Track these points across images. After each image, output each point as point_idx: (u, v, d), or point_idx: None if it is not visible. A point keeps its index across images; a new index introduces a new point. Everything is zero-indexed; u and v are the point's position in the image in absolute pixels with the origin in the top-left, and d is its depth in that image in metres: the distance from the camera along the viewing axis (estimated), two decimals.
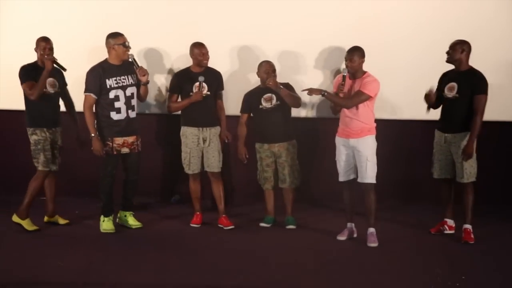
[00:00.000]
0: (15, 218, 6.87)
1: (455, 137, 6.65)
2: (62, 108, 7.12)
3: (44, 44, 6.83)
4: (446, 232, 6.85)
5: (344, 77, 6.55)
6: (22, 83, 6.80)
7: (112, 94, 6.78)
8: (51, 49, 6.84)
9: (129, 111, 6.86)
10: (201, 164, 7.15)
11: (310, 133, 7.71)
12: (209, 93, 7.05)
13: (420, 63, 7.43)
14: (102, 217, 6.94)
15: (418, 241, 6.75)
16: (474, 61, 6.68)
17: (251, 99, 7.18)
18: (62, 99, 7.08)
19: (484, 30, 7.35)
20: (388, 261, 6.18)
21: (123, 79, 6.82)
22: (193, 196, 7.23)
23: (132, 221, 7.05)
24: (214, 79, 7.13)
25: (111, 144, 6.82)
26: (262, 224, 7.21)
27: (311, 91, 6.60)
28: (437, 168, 6.84)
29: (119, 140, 6.84)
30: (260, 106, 7.11)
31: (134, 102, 6.91)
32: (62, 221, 7.14)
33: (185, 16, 7.66)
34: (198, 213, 7.22)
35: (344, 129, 6.63)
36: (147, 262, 6.09)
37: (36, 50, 6.87)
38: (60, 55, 6.89)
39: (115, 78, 6.78)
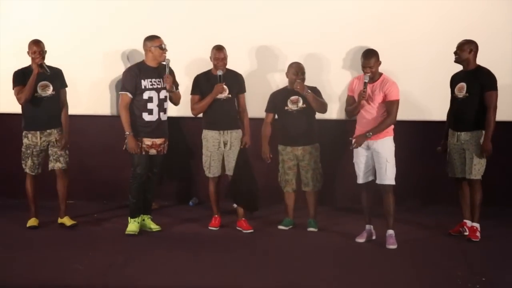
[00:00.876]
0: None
1: (468, 135, 6.67)
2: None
3: (34, 48, 6.87)
4: (465, 233, 6.80)
5: (365, 84, 6.52)
6: (13, 87, 6.90)
7: (146, 95, 6.79)
8: (41, 52, 6.86)
9: (161, 114, 6.86)
10: (221, 167, 7.16)
11: (332, 135, 7.66)
12: (230, 95, 7.05)
13: (436, 64, 7.41)
14: (129, 218, 6.96)
15: (437, 242, 6.72)
16: (490, 62, 6.72)
17: (277, 99, 7.16)
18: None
19: (500, 31, 7.38)
20: (407, 263, 6.15)
21: (158, 81, 6.83)
22: (212, 199, 7.23)
23: (151, 224, 7.06)
24: (235, 81, 7.12)
25: (140, 144, 6.83)
26: (281, 227, 7.20)
27: (358, 141, 6.53)
28: (452, 167, 6.84)
29: (148, 141, 6.84)
30: (286, 108, 7.09)
31: (166, 105, 6.91)
32: (69, 222, 7.12)
33: (204, 17, 7.68)
34: (216, 216, 7.22)
35: (363, 131, 6.61)
36: (166, 264, 6.09)
37: (28, 53, 6.92)
38: (73, 60, 6.92)
39: (150, 80, 6.80)
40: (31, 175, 7.04)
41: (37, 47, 6.87)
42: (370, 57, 6.53)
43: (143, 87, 6.78)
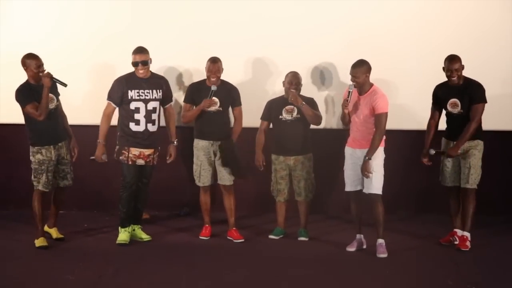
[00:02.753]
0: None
1: (465, 145, 6.68)
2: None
3: (36, 62, 6.73)
4: (455, 242, 6.81)
5: (350, 93, 6.58)
6: (24, 106, 6.71)
7: (132, 106, 6.80)
8: (42, 65, 6.76)
9: (149, 125, 6.85)
10: (212, 177, 7.16)
11: (324, 144, 7.64)
12: (220, 108, 7.07)
13: (425, 73, 7.44)
14: (119, 228, 6.95)
15: (428, 252, 6.72)
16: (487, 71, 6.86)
17: (272, 107, 7.16)
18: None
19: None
20: (398, 272, 6.15)
21: (147, 92, 6.83)
22: (203, 208, 7.22)
23: (141, 234, 7.04)
24: (228, 95, 7.11)
25: (126, 153, 6.82)
26: (271, 236, 7.18)
27: (366, 169, 6.48)
28: (445, 176, 6.86)
29: (135, 151, 6.83)
30: (280, 117, 7.08)
31: (155, 116, 6.89)
32: (55, 234, 7.02)
33: (198, 29, 7.68)
34: (207, 225, 7.21)
35: (354, 140, 6.64)
36: (156, 274, 6.07)
37: (25, 69, 6.76)
38: (61, 68, 6.96)
39: (137, 91, 6.80)
40: (41, 192, 6.83)
41: (37, 61, 6.73)
42: (355, 67, 6.56)
43: (129, 97, 6.79)
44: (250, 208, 7.94)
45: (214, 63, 7.01)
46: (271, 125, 7.22)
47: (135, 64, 6.81)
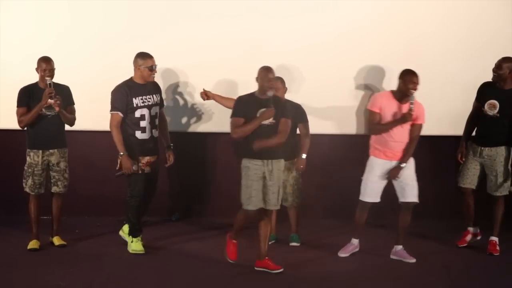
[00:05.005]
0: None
1: (492, 151, 6.70)
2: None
3: (45, 65, 6.72)
4: (473, 240, 6.89)
5: (412, 103, 6.38)
6: (16, 106, 6.76)
7: (138, 113, 6.68)
8: (51, 70, 6.73)
9: (153, 130, 6.77)
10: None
11: (312, 149, 7.62)
12: (274, 121, 6.24)
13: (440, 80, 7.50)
14: (130, 238, 6.85)
15: (448, 256, 6.77)
16: None
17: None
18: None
19: None
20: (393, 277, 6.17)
21: (148, 98, 6.74)
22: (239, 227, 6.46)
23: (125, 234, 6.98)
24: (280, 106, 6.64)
25: (137, 163, 6.71)
26: None
27: (393, 174, 6.48)
28: (464, 177, 6.86)
29: (144, 159, 6.74)
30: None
31: (157, 121, 6.81)
32: (58, 241, 7.01)
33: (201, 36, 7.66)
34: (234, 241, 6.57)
35: (388, 151, 6.53)
36: (148, 281, 6.06)
37: (37, 70, 6.80)
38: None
39: (141, 97, 6.70)
40: (34, 196, 6.85)
41: (46, 65, 6.71)
42: (417, 75, 6.44)
43: (134, 105, 6.67)
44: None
45: (270, 71, 6.26)
46: None
47: (151, 68, 6.68)
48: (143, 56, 6.68)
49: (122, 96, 6.63)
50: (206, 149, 7.99)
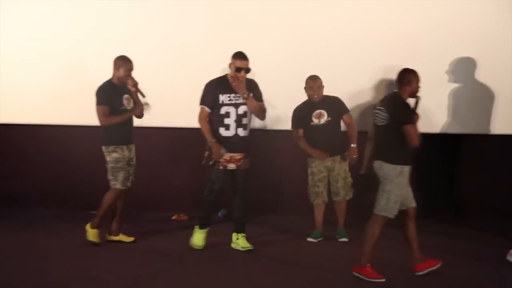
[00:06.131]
0: (87, 226, 6.86)
1: None
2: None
3: (130, 66, 6.85)
4: None
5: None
6: (97, 104, 6.82)
7: (223, 110, 6.71)
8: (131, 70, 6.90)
9: (239, 129, 6.74)
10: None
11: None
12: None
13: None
14: (196, 227, 6.86)
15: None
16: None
17: (301, 115, 7.17)
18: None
19: None
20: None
21: (237, 96, 6.74)
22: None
23: (243, 243, 6.85)
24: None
25: (225, 149, 6.72)
26: (310, 239, 7.15)
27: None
28: None
29: (226, 156, 6.74)
30: (312, 123, 7.10)
31: (246, 121, 6.77)
32: (127, 239, 7.04)
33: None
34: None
35: None
36: (195, 275, 6.07)
37: (117, 68, 6.85)
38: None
39: (229, 95, 6.72)
40: (118, 190, 6.88)
41: (132, 66, 6.88)
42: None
43: (220, 102, 6.70)
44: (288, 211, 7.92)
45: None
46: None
47: (238, 70, 6.68)
48: (235, 56, 6.68)
49: (210, 92, 6.72)
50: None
